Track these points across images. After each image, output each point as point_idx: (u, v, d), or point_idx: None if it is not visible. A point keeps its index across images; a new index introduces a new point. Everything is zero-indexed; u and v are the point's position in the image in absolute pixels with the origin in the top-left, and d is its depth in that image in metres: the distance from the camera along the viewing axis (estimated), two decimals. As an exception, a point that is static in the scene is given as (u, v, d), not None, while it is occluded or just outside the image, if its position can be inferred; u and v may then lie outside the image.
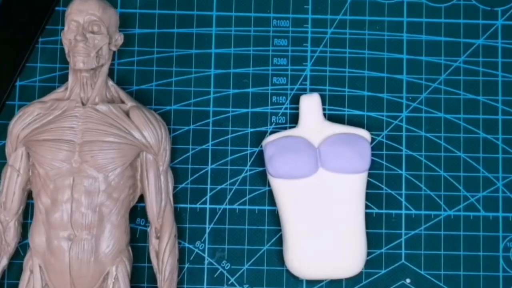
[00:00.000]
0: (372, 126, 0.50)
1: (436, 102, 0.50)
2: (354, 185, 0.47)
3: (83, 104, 0.47)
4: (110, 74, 0.50)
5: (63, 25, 0.50)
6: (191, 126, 0.50)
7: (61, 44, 0.49)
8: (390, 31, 0.51)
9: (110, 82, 0.48)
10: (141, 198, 0.48)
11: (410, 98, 0.50)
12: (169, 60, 0.50)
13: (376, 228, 0.49)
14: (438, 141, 0.50)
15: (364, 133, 0.48)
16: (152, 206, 0.47)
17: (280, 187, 0.47)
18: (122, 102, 0.48)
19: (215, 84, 0.50)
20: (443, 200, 0.49)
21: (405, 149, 0.50)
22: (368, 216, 0.49)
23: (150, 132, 0.47)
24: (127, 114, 0.47)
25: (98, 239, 0.45)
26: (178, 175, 0.49)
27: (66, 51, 0.47)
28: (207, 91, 0.50)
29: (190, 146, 0.50)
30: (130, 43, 0.50)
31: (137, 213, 0.49)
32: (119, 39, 0.48)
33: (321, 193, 0.47)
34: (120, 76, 0.50)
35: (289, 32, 0.51)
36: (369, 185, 0.49)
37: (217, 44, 0.50)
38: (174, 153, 0.49)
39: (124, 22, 0.50)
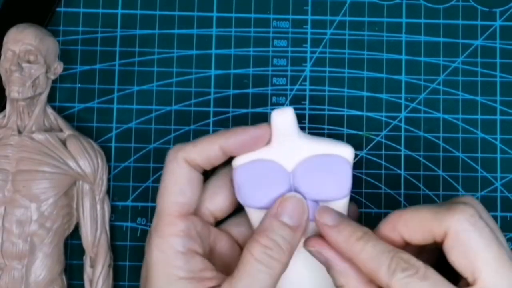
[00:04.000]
0: (371, 126, 0.50)
1: (434, 103, 0.50)
2: None
3: (20, 132, 0.46)
4: (111, 75, 0.50)
5: (63, 26, 0.50)
6: (192, 126, 0.50)
7: (62, 45, 0.50)
8: (389, 32, 0.51)
9: (50, 110, 0.47)
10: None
11: (409, 98, 0.50)
12: (170, 61, 0.50)
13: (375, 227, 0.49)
14: (436, 141, 0.50)
15: (346, 151, 0.42)
16: (87, 235, 0.47)
17: (252, 214, 0.43)
18: (61, 130, 0.47)
19: (215, 84, 0.50)
20: (441, 199, 0.49)
21: (403, 149, 0.50)
22: (367, 216, 0.49)
23: (86, 161, 0.46)
24: (64, 143, 0.46)
25: (29, 268, 0.45)
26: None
27: (3, 80, 0.46)
28: (207, 92, 0.50)
29: (191, 146, 0.50)
30: (131, 44, 0.50)
31: (138, 212, 0.49)
32: (58, 67, 0.47)
33: None
34: (121, 76, 0.50)
35: (288, 33, 0.51)
36: (368, 185, 0.49)
37: (218, 45, 0.51)
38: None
39: (125, 23, 0.50)
